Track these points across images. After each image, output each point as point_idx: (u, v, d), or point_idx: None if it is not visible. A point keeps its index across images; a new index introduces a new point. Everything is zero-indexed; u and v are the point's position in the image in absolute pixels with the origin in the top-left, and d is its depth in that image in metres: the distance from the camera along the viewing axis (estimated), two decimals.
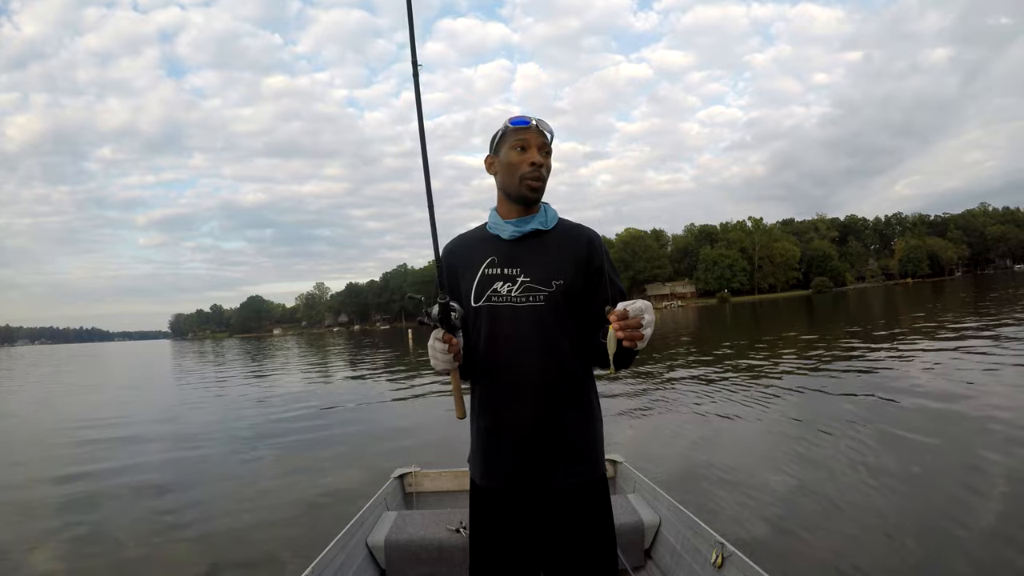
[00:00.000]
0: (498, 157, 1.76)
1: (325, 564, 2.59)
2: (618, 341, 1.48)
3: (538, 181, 1.70)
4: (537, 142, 1.71)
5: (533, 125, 1.71)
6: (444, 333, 1.59)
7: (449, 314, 1.59)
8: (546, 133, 1.75)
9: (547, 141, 1.74)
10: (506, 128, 1.74)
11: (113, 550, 4.52)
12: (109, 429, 10.21)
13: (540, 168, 1.70)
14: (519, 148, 1.71)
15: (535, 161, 1.69)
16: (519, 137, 1.71)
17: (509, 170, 1.72)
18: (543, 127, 1.74)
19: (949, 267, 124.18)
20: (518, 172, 1.70)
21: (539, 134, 1.72)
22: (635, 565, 2.96)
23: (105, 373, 29.89)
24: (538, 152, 1.70)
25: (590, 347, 1.71)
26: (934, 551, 3.54)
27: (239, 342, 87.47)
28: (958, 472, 4.87)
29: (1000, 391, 7.76)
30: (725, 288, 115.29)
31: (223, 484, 6.15)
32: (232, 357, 35.83)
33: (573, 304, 1.69)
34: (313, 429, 9.25)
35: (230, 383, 17.94)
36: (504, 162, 1.74)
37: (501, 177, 1.75)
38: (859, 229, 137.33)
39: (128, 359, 48.54)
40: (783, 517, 4.25)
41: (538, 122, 1.73)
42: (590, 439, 1.71)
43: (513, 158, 1.71)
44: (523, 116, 1.73)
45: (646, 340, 1.45)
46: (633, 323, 1.42)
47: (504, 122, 1.76)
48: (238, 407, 12.03)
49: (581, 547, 1.65)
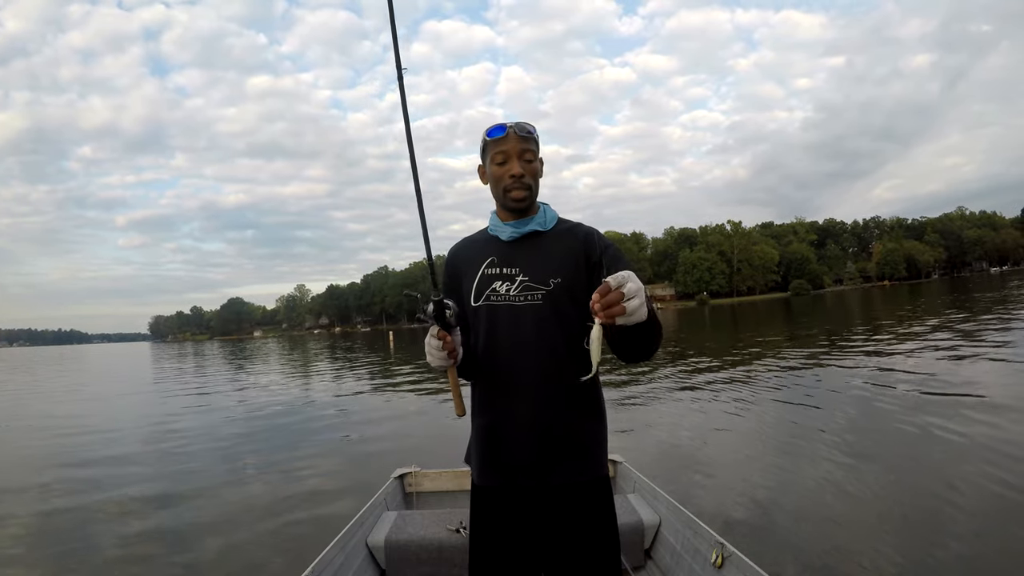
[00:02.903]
0: (486, 168, 1.76)
1: (325, 564, 2.57)
2: (606, 329, 1.39)
3: (522, 191, 1.68)
4: (517, 149, 1.67)
5: (509, 133, 1.67)
6: (439, 330, 1.59)
7: (444, 311, 1.59)
8: (527, 135, 1.69)
9: (529, 145, 1.69)
10: (484, 141, 1.71)
11: (103, 556, 4.43)
12: (93, 436, 10.03)
13: (522, 179, 1.67)
14: (499, 161, 1.69)
15: (515, 173, 1.66)
16: (497, 149, 1.68)
17: (494, 183, 1.72)
18: (521, 130, 1.68)
19: (926, 270, 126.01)
20: (501, 185, 1.69)
21: (518, 140, 1.67)
22: (635, 565, 2.96)
23: (88, 376, 29.38)
24: (519, 160, 1.67)
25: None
26: (934, 550, 3.58)
27: (220, 344, 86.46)
28: (952, 469, 4.95)
29: (983, 382, 7.91)
30: (704, 291, 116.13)
31: (221, 487, 6.07)
32: (215, 360, 35.36)
33: (574, 302, 1.66)
34: (310, 431, 9.19)
35: (217, 387, 17.69)
36: (489, 175, 1.74)
37: (491, 188, 1.75)
38: (838, 232, 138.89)
39: (110, 361, 47.69)
40: (783, 517, 4.28)
41: (515, 127, 1.68)
42: (591, 437, 1.70)
43: (495, 172, 1.70)
44: (499, 124, 1.69)
45: (632, 312, 1.29)
46: (613, 297, 1.28)
47: (483, 134, 1.72)
48: (229, 411, 11.86)
49: (583, 547, 1.63)
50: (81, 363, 46.61)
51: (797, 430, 6.71)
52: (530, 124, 1.70)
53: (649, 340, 1.52)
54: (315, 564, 2.51)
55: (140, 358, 49.19)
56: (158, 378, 23.98)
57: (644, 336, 1.49)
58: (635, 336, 1.47)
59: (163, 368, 31.16)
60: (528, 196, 1.69)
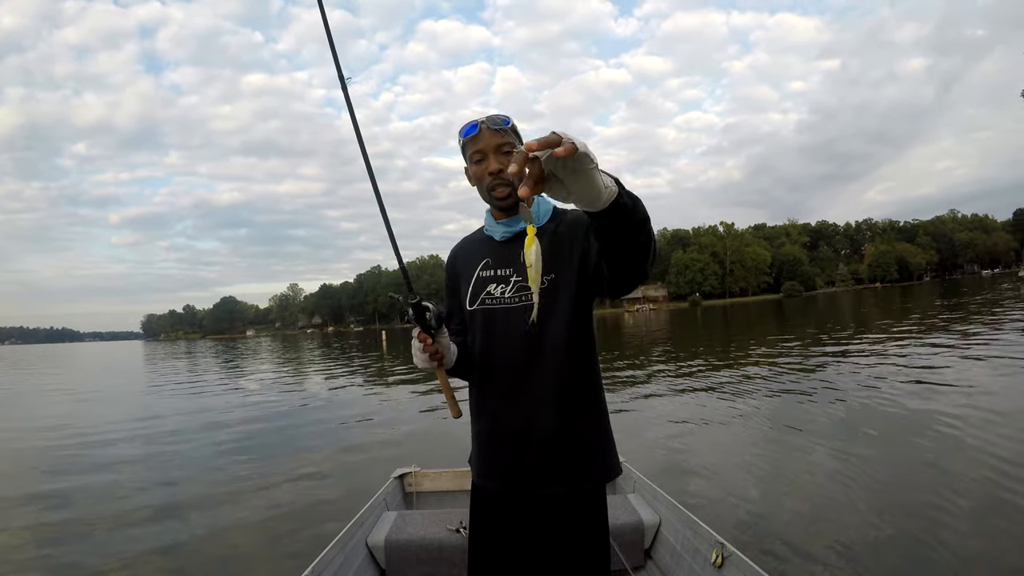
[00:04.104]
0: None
1: (325, 564, 2.57)
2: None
3: (504, 188, 1.63)
4: (492, 145, 1.61)
5: (482, 129, 1.61)
6: (420, 332, 1.58)
7: (424, 314, 1.57)
8: (500, 128, 1.61)
9: (505, 138, 1.62)
10: (461, 141, 1.67)
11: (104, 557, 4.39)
12: (87, 437, 9.91)
13: (501, 174, 1.61)
14: (477, 160, 1.64)
15: (492, 170, 1.61)
16: (474, 148, 1.63)
17: (477, 183, 1.68)
18: (493, 124, 1.61)
19: (918, 272, 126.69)
20: (484, 184, 1.66)
21: (492, 134, 1.61)
22: (635, 565, 2.96)
23: (84, 375, 29.22)
24: (496, 156, 1.61)
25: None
26: (934, 548, 3.58)
27: (213, 343, 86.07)
28: (951, 468, 4.97)
29: (974, 382, 7.95)
30: (696, 292, 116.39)
31: (219, 487, 6.01)
32: (209, 359, 35.13)
33: (570, 296, 1.62)
34: (308, 431, 9.12)
35: (211, 386, 17.55)
36: (471, 176, 1.70)
37: (476, 189, 1.71)
38: (830, 234, 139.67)
39: (103, 359, 47.40)
40: (783, 516, 4.29)
41: (487, 121, 1.61)
42: (592, 441, 1.66)
43: (475, 171, 1.66)
44: (471, 122, 1.63)
45: (570, 142, 0.98)
46: (550, 139, 1.00)
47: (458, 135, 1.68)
48: (225, 411, 11.70)
49: (571, 557, 1.61)
50: (73, 362, 46.36)
51: (796, 430, 6.71)
52: (503, 115, 1.63)
53: (629, 222, 1.23)
54: (315, 564, 2.50)
55: (134, 357, 48.86)
56: (151, 377, 23.84)
57: (622, 218, 1.21)
58: (612, 222, 1.21)
59: (156, 367, 31.03)
60: (512, 192, 1.63)
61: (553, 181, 1.07)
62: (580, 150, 1.00)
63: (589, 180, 1.08)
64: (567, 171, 1.05)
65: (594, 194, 1.11)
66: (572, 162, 1.03)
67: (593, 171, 1.07)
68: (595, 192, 1.10)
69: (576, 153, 1.00)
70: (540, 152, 1.00)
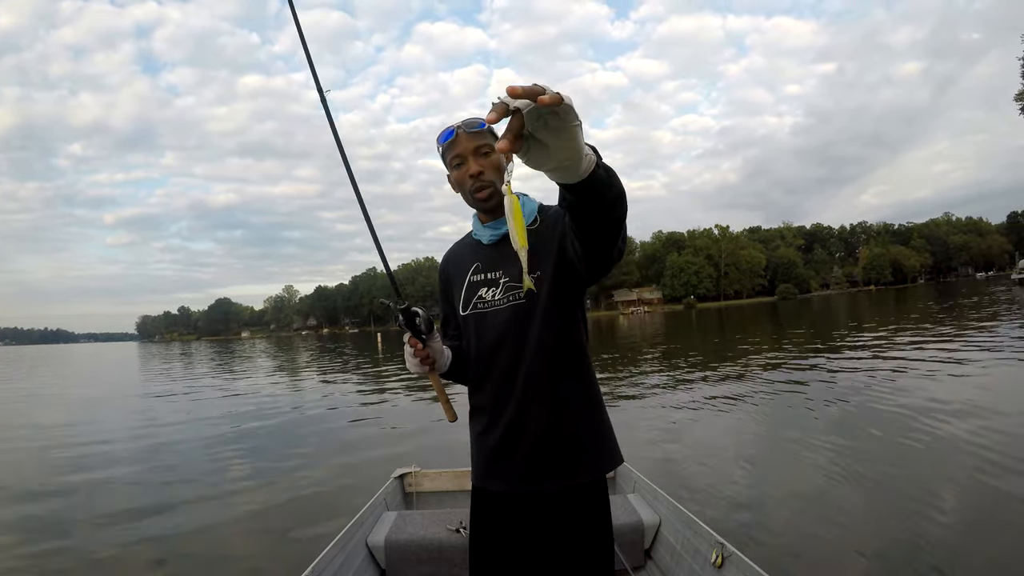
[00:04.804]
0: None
1: (325, 564, 2.57)
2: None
3: (485, 189, 1.63)
4: (471, 148, 1.61)
5: (459, 134, 1.62)
6: (410, 337, 1.59)
7: (413, 319, 1.58)
8: (477, 131, 1.62)
9: (483, 139, 1.62)
10: (440, 149, 1.67)
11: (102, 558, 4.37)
12: (83, 439, 9.88)
13: (481, 176, 1.61)
14: (456, 164, 1.65)
15: (472, 172, 1.62)
16: (452, 154, 1.64)
17: (459, 188, 1.69)
18: (470, 127, 1.61)
19: (912, 275, 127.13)
20: (466, 188, 1.66)
21: (470, 138, 1.61)
22: (635, 565, 2.97)
23: (79, 377, 29.10)
24: (475, 158, 1.62)
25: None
26: (934, 548, 3.58)
27: (208, 345, 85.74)
28: (950, 468, 5.00)
29: (970, 382, 7.97)
30: (691, 294, 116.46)
31: (219, 488, 5.99)
32: (205, 361, 34.99)
33: (559, 292, 1.62)
34: (307, 431, 9.10)
35: (207, 389, 17.45)
36: (453, 182, 1.71)
37: (460, 194, 1.71)
38: (825, 237, 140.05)
39: (98, 361, 47.22)
40: (783, 516, 4.30)
41: (463, 125, 1.61)
42: (588, 436, 1.65)
43: (456, 176, 1.67)
44: (448, 128, 1.63)
45: (555, 92, 0.93)
46: (533, 88, 0.93)
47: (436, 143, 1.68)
48: (223, 413, 11.63)
49: (576, 552, 1.61)
50: (68, 364, 46.16)
51: (796, 430, 6.72)
52: (479, 118, 1.61)
53: (606, 196, 1.18)
54: (315, 564, 2.50)
55: (130, 359, 48.66)
56: (146, 379, 23.72)
57: (600, 190, 1.16)
58: (589, 195, 1.16)
59: (151, 370, 30.89)
60: (494, 193, 1.63)
61: (532, 143, 1.01)
62: (566, 102, 0.93)
63: (573, 139, 1.00)
64: (549, 130, 0.98)
65: (576, 156, 1.04)
66: (555, 118, 0.97)
67: (577, 128, 1.00)
68: (577, 154, 1.04)
69: (562, 104, 0.93)
70: (522, 102, 0.93)
